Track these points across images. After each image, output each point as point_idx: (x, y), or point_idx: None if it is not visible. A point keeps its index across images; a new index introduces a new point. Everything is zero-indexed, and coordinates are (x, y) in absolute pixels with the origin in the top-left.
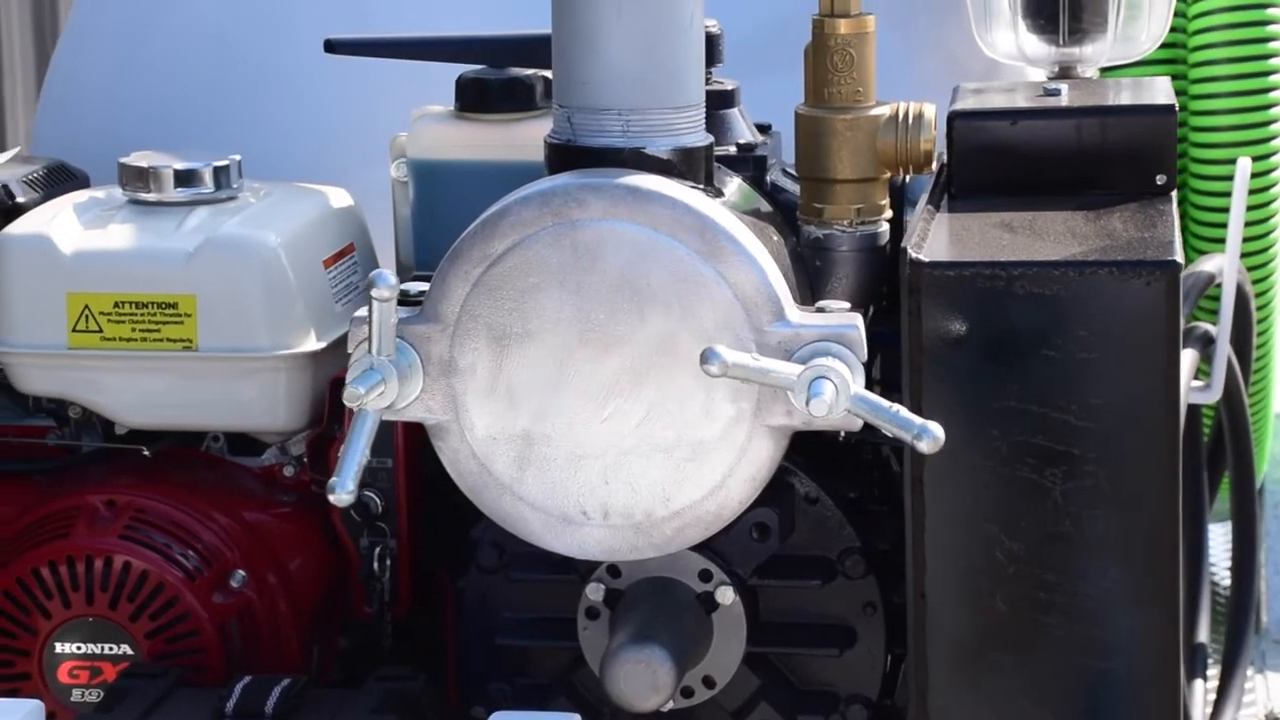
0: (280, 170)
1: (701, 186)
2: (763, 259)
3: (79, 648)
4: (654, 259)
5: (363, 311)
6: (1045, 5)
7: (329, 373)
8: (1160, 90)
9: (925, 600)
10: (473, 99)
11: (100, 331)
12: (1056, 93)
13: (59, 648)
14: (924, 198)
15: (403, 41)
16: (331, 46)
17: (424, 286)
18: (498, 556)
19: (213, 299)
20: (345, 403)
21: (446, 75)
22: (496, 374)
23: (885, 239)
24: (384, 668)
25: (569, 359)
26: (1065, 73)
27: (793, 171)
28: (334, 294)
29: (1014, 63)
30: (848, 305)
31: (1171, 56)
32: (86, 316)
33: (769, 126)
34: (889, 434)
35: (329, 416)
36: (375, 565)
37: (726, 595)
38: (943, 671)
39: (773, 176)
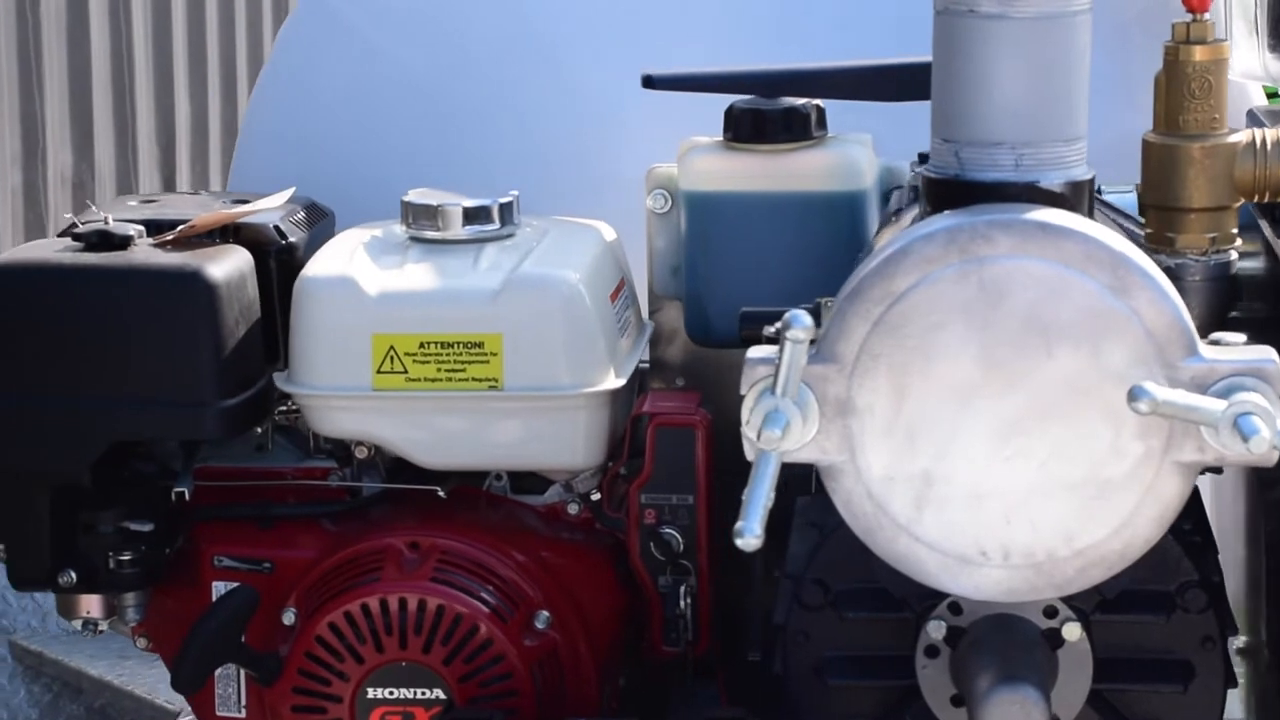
0: None
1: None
2: (1173, 293)
3: (391, 693)
4: (1064, 295)
5: (755, 351)
6: None
7: (622, 410)
8: None
9: None
10: (747, 129)
11: (405, 372)
12: None
13: (371, 693)
14: (1265, 225)
15: (718, 76)
16: (649, 82)
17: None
18: (822, 594)
19: (518, 338)
20: (762, 446)
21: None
22: (896, 413)
23: (1236, 267)
24: (710, 709)
25: (972, 397)
26: None
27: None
28: (618, 329)
29: (1243, 81)
30: (1244, 338)
31: None
32: (392, 357)
33: None
34: None
35: (628, 454)
36: (681, 603)
37: (1073, 631)
38: None
39: None
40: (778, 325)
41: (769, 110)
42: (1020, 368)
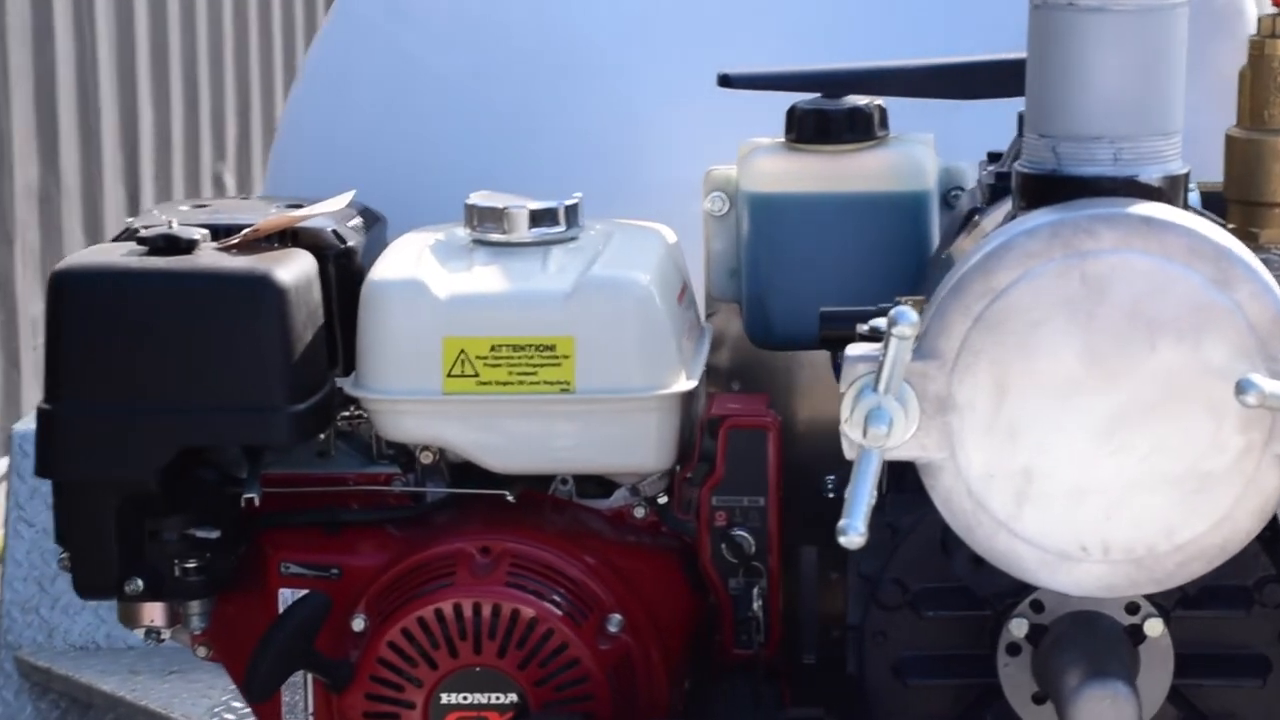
0: None
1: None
2: (1275, 286)
3: (465, 698)
4: (1168, 289)
5: (854, 349)
6: None
7: (691, 412)
8: None
9: None
10: (811, 130)
11: (476, 376)
12: None
13: (444, 698)
14: None
15: (793, 76)
16: (726, 81)
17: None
18: (901, 593)
19: (590, 340)
20: (866, 444)
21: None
22: (997, 410)
23: None
24: (789, 710)
25: (1074, 393)
26: None
27: None
28: (685, 331)
29: None
30: None
31: None
32: (463, 361)
33: None
34: None
35: (699, 456)
36: (755, 606)
37: (1155, 627)
38: None
39: None
40: (876, 322)
41: (832, 110)
42: (1123, 363)
